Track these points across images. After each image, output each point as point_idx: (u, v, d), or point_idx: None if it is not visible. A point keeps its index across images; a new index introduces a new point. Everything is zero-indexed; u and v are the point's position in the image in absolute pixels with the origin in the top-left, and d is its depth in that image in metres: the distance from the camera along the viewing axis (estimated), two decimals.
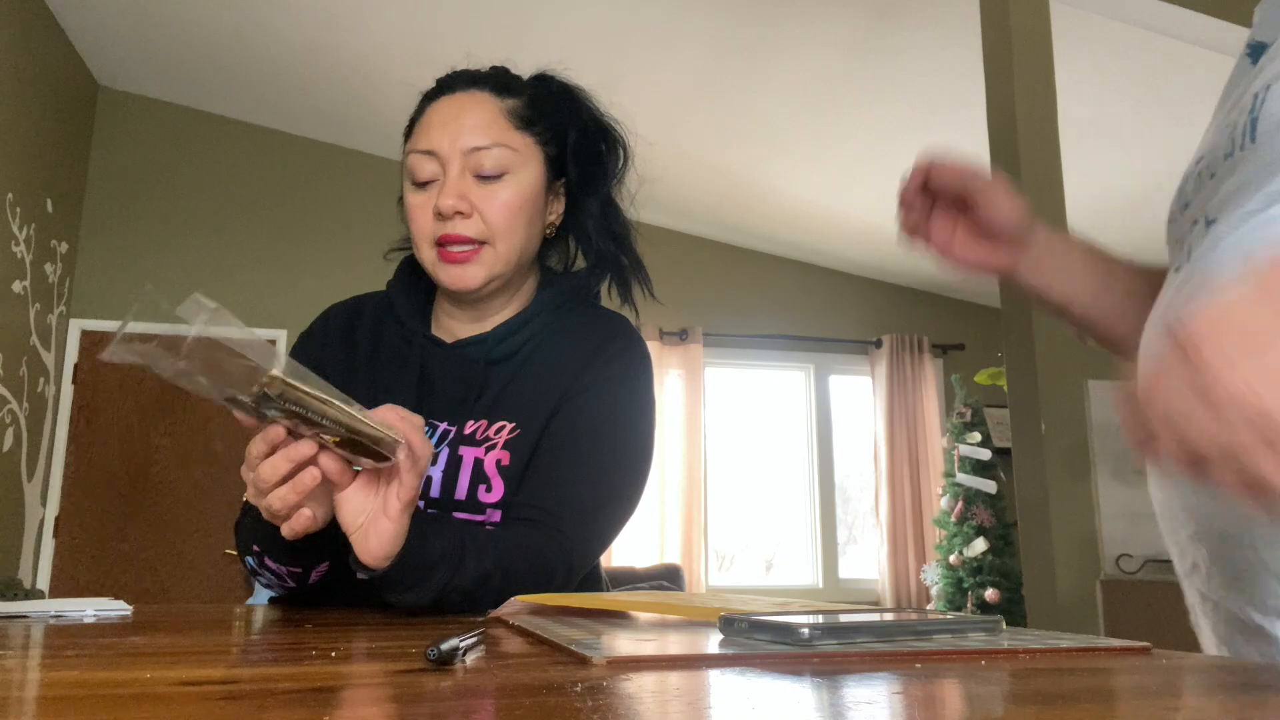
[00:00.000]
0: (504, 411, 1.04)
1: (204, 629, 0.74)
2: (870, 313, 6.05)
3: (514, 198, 1.04)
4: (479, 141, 1.03)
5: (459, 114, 1.05)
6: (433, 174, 1.04)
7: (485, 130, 1.04)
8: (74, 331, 4.70)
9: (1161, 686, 0.44)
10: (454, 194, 1.02)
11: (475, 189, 1.03)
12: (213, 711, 0.36)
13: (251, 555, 0.98)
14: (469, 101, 1.06)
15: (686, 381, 5.50)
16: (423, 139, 1.05)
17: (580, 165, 1.12)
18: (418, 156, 1.05)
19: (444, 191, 1.02)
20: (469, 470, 1.03)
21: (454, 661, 0.48)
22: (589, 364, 1.07)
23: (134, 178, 4.93)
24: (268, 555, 0.94)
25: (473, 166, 1.03)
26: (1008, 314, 2.66)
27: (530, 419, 1.03)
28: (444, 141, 1.03)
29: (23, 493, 4.26)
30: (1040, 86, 2.75)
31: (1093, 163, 4.25)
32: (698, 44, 3.85)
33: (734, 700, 0.40)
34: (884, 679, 0.44)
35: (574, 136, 1.11)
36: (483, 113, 1.05)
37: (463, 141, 1.03)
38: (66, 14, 4.25)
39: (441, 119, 1.05)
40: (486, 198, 1.03)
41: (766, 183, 4.97)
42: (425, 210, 1.04)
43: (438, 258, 1.04)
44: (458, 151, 1.03)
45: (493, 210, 1.03)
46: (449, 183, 1.02)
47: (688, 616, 0.70)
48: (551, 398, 1.05)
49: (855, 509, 5.98)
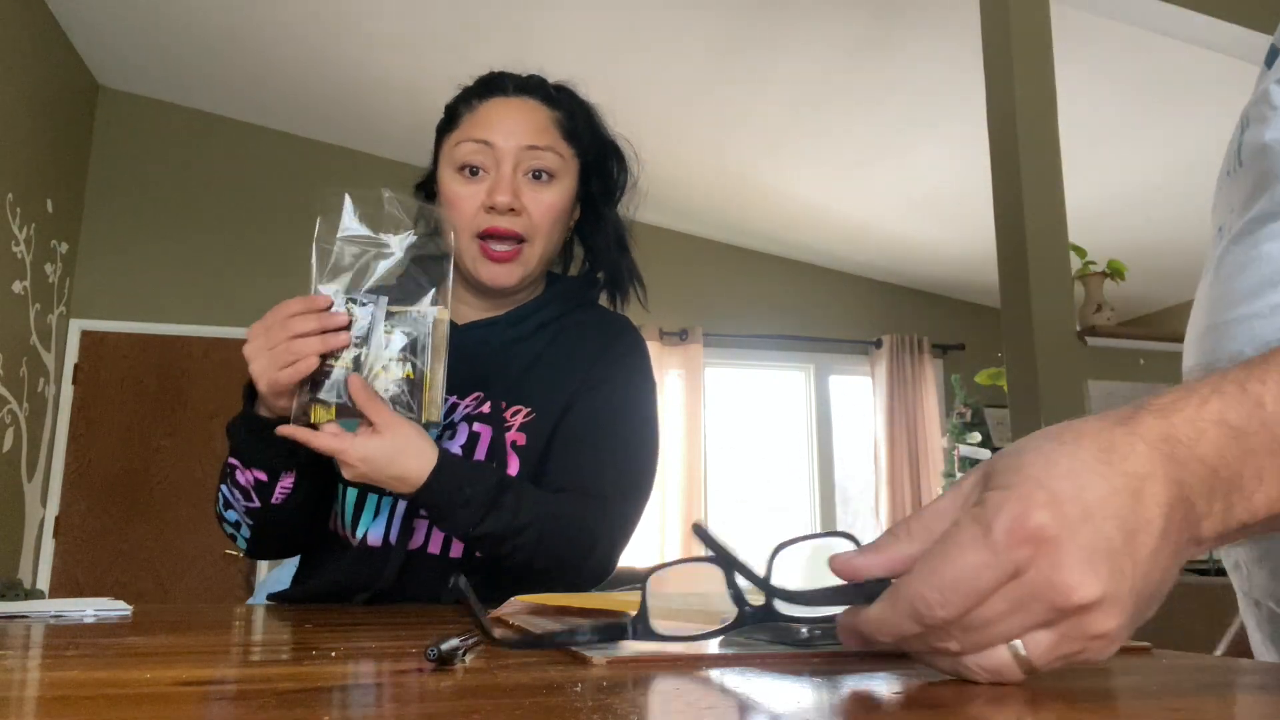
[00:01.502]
0: (520, 397, 1.10)
1: (204, 629, 0.74)
2: (870, 313, 6.04)
3: (557, 200, 1.11)
4: (537, 141, 1.09)
5: (517, 114, 1.11)
6: (483, 164, 1.09)
7: (541, 133, 1.10)
8: (74, 331, 4.70)
9: (1161, 686, 0.44)
10: (509, 190, 1.07)
11: (526, 188, 1.09)
12: (213, 711, 0.36)
13: (224, 480, 1.04)
14: (524, 105, 1.12)
15: (686, 381, 5.50)
16: (479, 130, 1.09)
17: (599, 179, 1.19)
18: (473, 145, 1.09)
19: (499, 187, 1.07)
20: (485, 447, 1.08)
21: (454, 661, 0.48)
22: (601, 358, 1.14)
23: (134, 178, 4.93)
24: (241, 463, 1.00)
25: (526, 165, 1.09)
26: (1008, 314, 2.66)
27: (545, 405, 1.09)
28: (501, 136, 1.08)
29: (23, 493, 4.26)
30: (1040, 86, 2.74)
31: (1093, 163, 4.25)
32: (698, 44, 3.85)
33: (734, 700, 0.40)
34: (884, 679, 0.44)
35: (596, 153, 1.18)
36: (538, 117, 1.12)
37: (522, 139, 1.09)
38: (66, 14, 4.25)
39: (500, 115, 1.10)
40: (535, 197, 1.09)
41: (766, 183, 4.97)
42: (473, 201, 1.08)
43: (480, 252, 1.09)
44: (515, 148, 1.08)
45: (540, 210, 1.09)
46: (503, 178, 1.07)
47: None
48: (566, 388, 1.11)
49: (855, 509, 5.98)
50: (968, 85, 3.67)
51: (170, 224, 4.93)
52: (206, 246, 4.95)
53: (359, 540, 1.09)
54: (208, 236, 4.96)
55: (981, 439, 5.17)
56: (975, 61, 3.19)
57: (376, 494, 1.08)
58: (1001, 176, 2.73)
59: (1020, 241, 2.63)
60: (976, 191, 4.12)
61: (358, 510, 1.09)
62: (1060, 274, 2.63)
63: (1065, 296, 2.62)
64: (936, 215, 5.08)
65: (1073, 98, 3.37)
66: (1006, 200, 2.70)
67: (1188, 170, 4.34)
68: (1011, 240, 2.66)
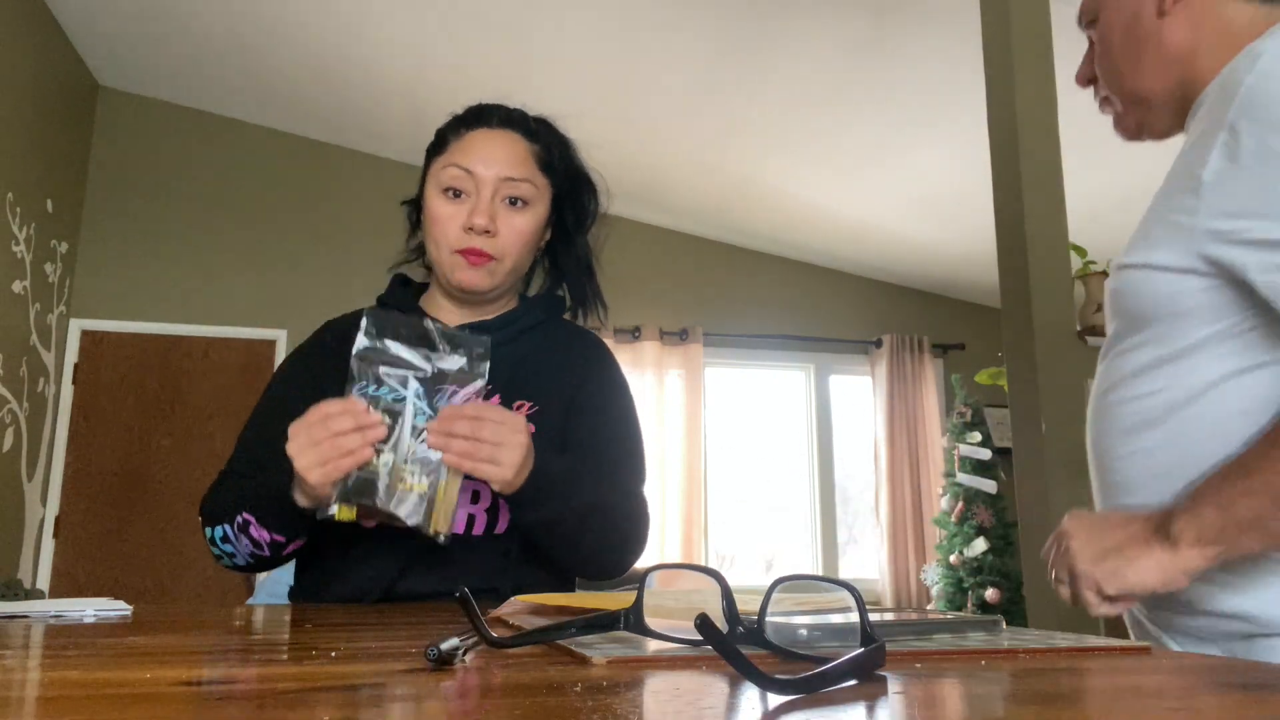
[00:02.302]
0: (520, 392, 1.22)
1: (204, 629, 0.74)
2: (870, 313, 6.04)
3: (528, 225, 1.23)
4: (515, 173, 1.21)
5: (499, 145, 1.22)
6: (465, 189, 1.20)
7: (519, 164, 1.22)
8: (74, 331, 4.70)
9: (1161, 686, 0.44)
10: (487, 214, 1.19)
11: (503, 212, 1.21)
12: (213, 711, 0.36)
13: (231, 523, 1.13)
14: (506, 138, 1.23)
15: (686, 381, 5.50)
16: (464, 157, 1.21)
17: (572, 208, 1.31)
18: (457, 171, 1.21)
19: (478, 210, 1.19)
20: None
21: (454, 661, 0.48)
22: (591, 367, 1.29)
23: (134, 178, 4.93)
24: (258, 521, 1.10)
25: (504, 193, 1.21)
26: (1008, 314, 2.66)
27: (547, 399, 1.22)
28: (483, 165, 1.20)
29: (23, 493, 4.26)
30: (1040, 86, 2.74)
31: (1093, 163, 4.25)
32: (698, 44, 3.85)
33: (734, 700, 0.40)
34: (884, 679, 0.44)
35: (569, 184, 1.29)
36: (518, 150, 1.23)
37: (501, 170, 1.20)
38: (66, 14, 4.25)
39: (483, 145, 1.22)
40: (509, 221, 1.21)
41: (766, 183, 4.97)
42: (454, 221, 1.20)
43: (459, 260, 1.21)
44: (494, 177, 1.20)
45: (512, 234, 1.21)
46: (483, 203, 1.19)
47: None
48: (561, 387, 1.25)
49: (855, 509, 5.98)
50: (968, 85, 3.67)
51: (170, 224, 4.93)
52: (206, 246, 4.95)
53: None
54: (207, 236, 4.96)
55: (981, 439, 5.17)
56: (975, 61, 3.19)
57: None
58: (1001, 176, 2.73)
59: (1020, 241, 2.62)
60: (976, 191, 4.12)
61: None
62: (1060, 274, 2.63)
63: (1065, 296, 2.62)
64: (936, 215, 5.08)
65: (1073, 98, 3.36)
66: (1006, 200, 2.70)
67: None
68: (1011, 240, 2.66)
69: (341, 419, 0.98)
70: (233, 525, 1.13)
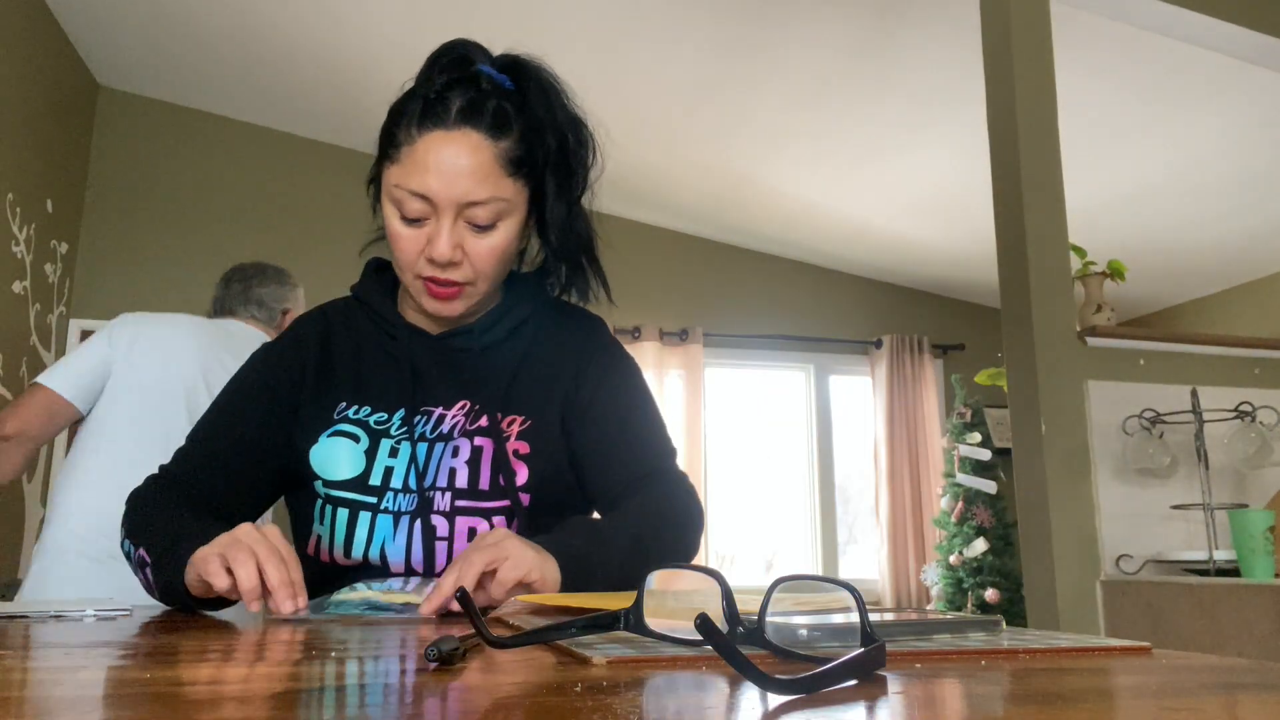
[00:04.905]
0: (513, 406, 1.12)
1: (204, 629, 0.74)
2: (870, 313, 6.04)
3: (501, 242, 1.06)
4: (477, 196, 1.02)
5: (455, 160, 1.01)
6: (423, 213, 1.03)
7: (482, 183, 1.02)
8: (74, 331, 4.70)
9: (1161, 686, 0.44)
10: (449, 245, 1.02)
11: (468, 235, 1.04)
12: (213, 712, 0.36)
13: (134, 547, 0.99)
14: (464, 147, 1.02)
15: (686, 381, 5.49)
16: (415, 179, 1.02)
17: (555, 176, 1.10)
18: (408, 195, 1.02)
19: (439, 242, 1.02)
20: (489, 460, 1.09)
21: (454, 661, 0.48)
22: (591, 359, 1.18)
23: (134, 178, 4.93)
24: (154, 566, 0.95)
25: (468, 217, 1.03)
26: (1008, 314, 2.66)
27: (540, 412, 1.12)
28: (441, 185, 1.01)
29: (23, 493, 4.26)
30: (1040, 86, 2.74)
31: (1093, 163, 4.25)
32: (698, 44, 3.84)
33: (734, 700, 0.40)
34: (884, 679, 0.44)
35: (552, 143, 1.09)
36: (480, 160, 1.02)
37: (460, 193, 1.01)
38: (66, 14, 4.25)
39: (437, 163, 1.01)
40: (477, 245, 1.05)
41: (766, 183, 4.97)
42: (413, 244, 1.04)
43: (423, 289, 1.07)
44: (454, 202, 1.02)
45: (482, 257, 1.05)
46: (444, 233, 1.02)
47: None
48: (557, 392, 1.14)
49: (855, 509, 5.98)
50: (968, 85, 3.67)
51: (170, 224, 4.93)
52: (206, 246, 4.94)
53: (361, 561, 1.09)
54: (208, 236, 4.96)
55: (981, 439, 5.17)
56: (975, 62, 3.19)
57: (369, 512, 1.09)
58: (1001, 176, 2.73)
59: (1020, 241, 2.62)
60: (976, 191, 4.12)
61: (349, 533, 1.10)
62: (1060, 274, 2.63)
63: (1065, 296, 2.62)
64: (936, 215, 5.08)
65: (1073, 98, 3.37)
66: (1006, 200, 2.70)
67: (1188, 170, 4.34)
68: (1011, 240, 2.66)
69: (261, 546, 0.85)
70: (134, 551, 1.00)
